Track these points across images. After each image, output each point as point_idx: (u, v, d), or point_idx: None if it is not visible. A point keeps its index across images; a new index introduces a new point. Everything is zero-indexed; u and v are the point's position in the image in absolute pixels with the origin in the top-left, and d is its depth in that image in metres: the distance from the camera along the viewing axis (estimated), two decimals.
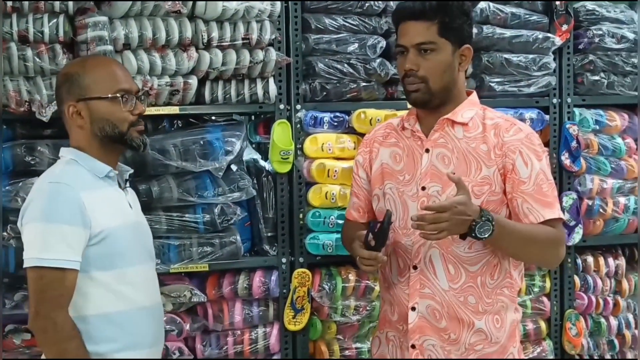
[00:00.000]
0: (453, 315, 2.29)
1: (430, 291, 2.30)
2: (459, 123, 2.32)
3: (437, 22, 2.26)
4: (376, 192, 2.45)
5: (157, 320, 2.33)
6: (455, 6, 2.29)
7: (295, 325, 3.08)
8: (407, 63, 2.28)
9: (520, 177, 2.25)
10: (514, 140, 2.28)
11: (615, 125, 3.50)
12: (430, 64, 2.26)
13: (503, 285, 2.33)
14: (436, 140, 2.33)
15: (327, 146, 3.09)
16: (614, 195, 3.50)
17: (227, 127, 3.07)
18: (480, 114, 2.35)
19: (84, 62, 2.35)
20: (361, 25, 3.16)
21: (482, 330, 2.30)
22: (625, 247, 3.63)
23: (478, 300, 2.30)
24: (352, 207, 2.55)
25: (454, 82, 2.31)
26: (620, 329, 3.56)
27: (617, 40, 3.48)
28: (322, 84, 3.11)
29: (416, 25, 2.27)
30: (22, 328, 2.76)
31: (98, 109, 2.20)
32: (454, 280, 2.29)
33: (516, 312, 2.40)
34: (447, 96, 2.31)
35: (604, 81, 3.48)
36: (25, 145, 2.79)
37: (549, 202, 2.26)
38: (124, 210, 2.26)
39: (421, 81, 2.27)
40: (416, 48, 2.27)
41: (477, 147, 2.29)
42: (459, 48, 2.30)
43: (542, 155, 2.30)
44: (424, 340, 2.32)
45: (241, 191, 3.01)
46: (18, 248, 2.71)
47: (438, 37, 2.26)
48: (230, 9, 2.87)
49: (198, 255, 2.96)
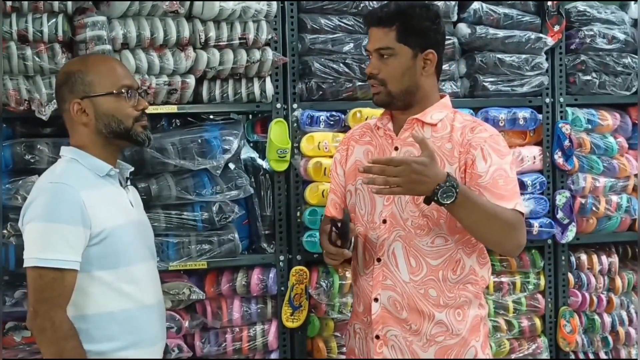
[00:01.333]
0: (413, 307, 2.36)
1: (392, 282, 2.38)
2: (427, 123, 2.40)
3: (395, 29, 2.35)
4: (349, 188, 2.53)
5: (160, 318, 2.35)
6: (417, 12, 2.37)
7: (293, 322, 3.10)
8: (368, 67, 2.41)
9: (477, 171, 2.30)
10: (478, 138, 2.34)
11: (607, 124, 3.53)
12: (389, 69, 2.37)
13: (467, 281, 2.39)
14: (405, 139, 2.41)
15: (324, 145, 3.11)
16: (607, 193, 3.54)
17: (224, 125, 3.09)
18: (450, 116, 2.42)
19: (85, 60, 2.37)
20: (356, 26, 3.19)
21: (443, 322, 2.36)
22: (618, 245, 3.67)
23: (439, 293, 2.36)
24: (330, 204, 2.62)
25: (417, 86, 2.38)
26: (614, 326, 3.58)
27: (608, 40, 3.52)
28: (318, 83, 3.14)
29: (377, 31, 2.39)
30: (22, 325, 2.77)
31: (103, 105, 2.22)
32: (414, 272, 2.36)
33: (480, 308, 2.44)
34: (410, 99, 2.39)
35: (595, 81, 3.52)
36: (24, 144, 2.81)
37: (504, 195, 2.28)
38: (125, 208, 2.27)
39: (381, 84, 2.39)
40: (377, 53, 2.39)
41: (442, 145, 2.36)
42: (421, 52, 2.37)
43: (506, 155, 2.35)
44: (387, 330, 2.39)
45: (239, 189, 3.03)
46: (18, 245, 2.72)
47: (396, 43, 2.35)
48: (227, 9, 2.90)
49: (196, 253, 2.97)
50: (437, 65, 2.42)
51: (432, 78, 2.43)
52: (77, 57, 2.68)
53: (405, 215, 2.36)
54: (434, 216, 2.34)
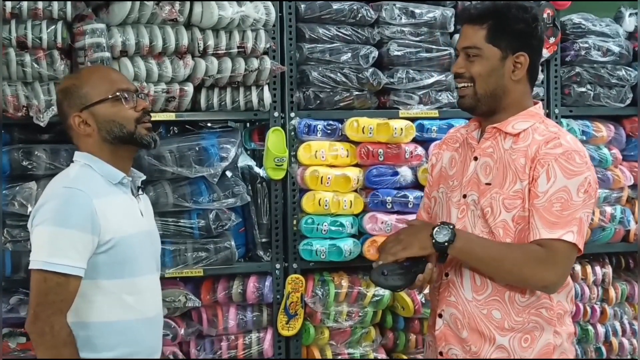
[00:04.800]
0: (474, 327, 2.23)
1: (455, 299, 2.27)
2: (508, 133, 2.24)
3: (487, 27, 2.21)
4: (434, 195, 2.45)
5: (158, 330, 2.35)
6: (512, 12, 2.22)
7: (289, 330, 3.11)
8: (454, 66, 2.29)
9: (537, 190, 2.15)
10: (549, 153, 2.17)
11: (601, 136, 3.56)
12: (474, 69, 2.23)
13: (539, 306, 2.22)
14: (485, 149, 2.28)
15: (321, 153, 3.12)
16: (601, 204, 3.55)
17: (222, 133, 3.10)
18: (536, 126, 2.25)
19: (78, 74, 2.40)
20: (354, 35, 3.20)
21: (505, 347, 2.21)
22: (612, 256, 3.70)
23: (504, 315, 2.21)
24: (423, 208, 2.55)
25: (504, 90, 2.24)
26: (608, 337, 3.60)
27: (602, 53, 3.56)
28: (316, 92, 3.15)
29: (468, 29, 2.26)
30: (17, 332, 2.77)
31: (102, 113, 2.22)
32: (478, 291, 2.24)
33: (556, 336, 2.23)
34: (497, 104, 2.25)
35: (590, 93, 3.55)
36: (22, 150, 2.81)
37: (553, 222, 2.12)
38: (135, 218, 2.27)
39: (470, 82, 2.24)
40: (464, 51, 2.26)
41: (517, 159, 2.20)
42: (512, 54, 2.22)
43: (576, 176, 2.14)
44: (449, 348, 2.29)
45: (236, 197, 3.03)
46: (14, 252, 2.72)
47: (484, 43, 2.22)
48: (226, 18, 2.91)
49: (193, 260, 2.98)
50: (530, 70, 2.25)
51: (524, 84, 2.27)
52: (70, 74, 2.68)
53: (476, 230, 2.23)
54: (500, 234, 2.20)
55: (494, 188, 2.22)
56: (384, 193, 3.15)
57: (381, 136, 3.13)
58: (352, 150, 3.17)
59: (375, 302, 3.17)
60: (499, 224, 2.19)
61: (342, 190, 3.12)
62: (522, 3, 2.28)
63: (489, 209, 2.21)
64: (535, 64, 2.29)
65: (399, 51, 3.23)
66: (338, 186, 3.11)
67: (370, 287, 3.16)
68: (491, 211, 2.20)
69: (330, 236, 3.12)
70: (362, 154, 3.16)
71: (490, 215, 2.20)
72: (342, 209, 3.12)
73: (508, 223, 2.19)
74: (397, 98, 3.27)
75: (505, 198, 2.20)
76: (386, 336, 3.32)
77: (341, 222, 3.11)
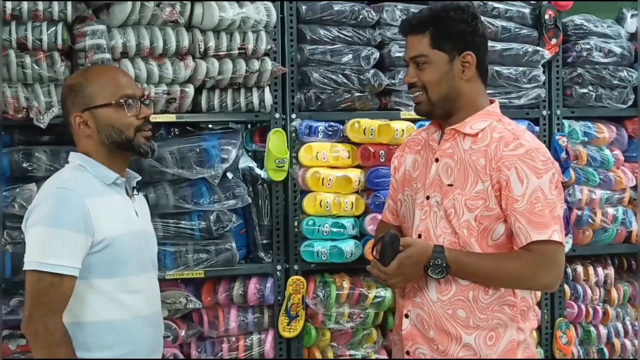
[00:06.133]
0: (440, 327, 2.27)
1: (420, 300, 2.31)
2: (467, 134, 2.28)
3: (429, 34, 2.27)
4: (399, 197, 2.48)
5: (156, 329, 2.34)
6: (451, 15, 2.27)
7: (290, 332, 3.10)
8: (405, 77, 2.35)
9: (513, 195, 2.18)
10: (511, 155, 2.20)
11: (603, 137, 3.56)
12: (425, 76, 2.28)
13: (503, 303, 2.25)
14: (445, 150, 2.31)
15: (322, 155, 3.11)
16: (603, 205, 3.55)
17: (223, 135, 3.09)
18: (494, 125, 2.28)
19: (86, 72, 2.36)
20: (355, 37, 3.20)
21: (471, 346, 2.25)
22: (614, 257, 3.69)
23: (469, 314, 2.25)
24: (387, 209, 2.58)
25: (457, 92, 2.28)
26: (610, 338, 3.60)
27: (604, 54, 3.55)
28: (317, 93, 3.15)
29: (411, 39, 2.32)
30: (17, 334, 2.76)
31: (103, 117, 2.21)
32: (442, 292, 2.27)
33: (519, 332, 2.28)
34: (452, 106, 2.29)
35: (592, 94, 3.55)
36: (22, 152, 2.80)
37: (541, 223, 2.16)
38: (130, 218, 2.26)
39: (422, 90, 2.29)
40: (413, 61, 2.31)
41: (477, 159, 2.24)
42: (458, 55, 2.27)
43: (544, 173, 2.18)
44: (416, 347, 2.33)
45: (237, 199, 3.03)
46: (14, 253, 2.71)
47: (429, 49, 2.27)
48: (227, 20, 2.90)
49: (194, 262, 2.97)
50: (479, 67, 2.29)
51: (476, 83, 2.31)
52: (80, 69, 2.66)
53: (438, 231, 2.27)
54: (464, 234, 2.24)
55: (456, 189, 2.25)
56: (385, 194, 3.14)
57: (382, 137, 3.13)
58: (353, 151, 3.17)
59: (376, 303, 3.16)
60: (462, 224, 2.24)
61: (343, 192, 3.12)
62: (458, 3, 2.33)
63: (452, 210, 2.25)
64: (483, 61, 2.32)
65: (400, 52, 3.23)
66: (339, 187, 3.10)
67: (371, 288, 3.15)
68: (454, 212, 2.24)
69: (331, 237, 3.11)
70: (363, 155, 3.16)
71: (454, 216, 2.24)
72: (344, 211, 3.11)
73: (471, 223, 2.23)
74: (398, 99, 3.26)
75: (467, 199, 2.23)
76: (388, 337, 3.31)
77: (342, 224, 3.11)
